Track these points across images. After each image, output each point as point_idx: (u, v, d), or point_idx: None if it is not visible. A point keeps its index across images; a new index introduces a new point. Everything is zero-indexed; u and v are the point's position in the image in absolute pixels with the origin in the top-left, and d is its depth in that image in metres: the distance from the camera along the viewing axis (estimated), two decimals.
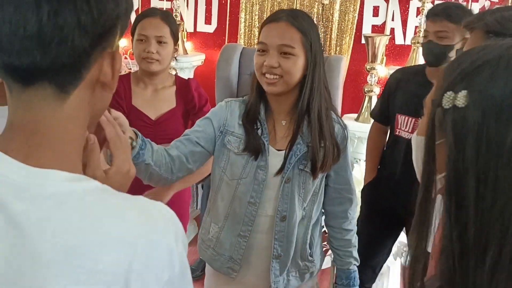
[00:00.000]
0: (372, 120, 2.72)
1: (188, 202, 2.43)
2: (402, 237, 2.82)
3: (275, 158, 1.67)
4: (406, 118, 2.38)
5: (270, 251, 1.73)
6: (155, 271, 0.67)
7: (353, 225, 1.88)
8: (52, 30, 0.64)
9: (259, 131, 1.66)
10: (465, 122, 0.72)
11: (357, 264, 1.89)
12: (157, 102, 2.22)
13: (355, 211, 1.88)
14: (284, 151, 1.67)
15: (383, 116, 2.55)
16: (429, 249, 0.80)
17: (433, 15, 2.27)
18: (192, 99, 2.25)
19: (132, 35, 2.21)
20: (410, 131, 2.35)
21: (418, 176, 0.85)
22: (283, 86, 1.62)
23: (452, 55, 2.25)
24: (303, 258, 1.79)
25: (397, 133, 2.42)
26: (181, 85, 2.29)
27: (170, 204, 2.31)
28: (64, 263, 0.63)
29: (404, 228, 2.59)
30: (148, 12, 2.24)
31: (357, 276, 1.90)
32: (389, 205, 2.46)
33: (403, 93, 2.42)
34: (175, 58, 3.84)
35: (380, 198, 2.52)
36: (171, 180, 1.60)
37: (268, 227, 1.72)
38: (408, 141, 2.26)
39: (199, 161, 1.67)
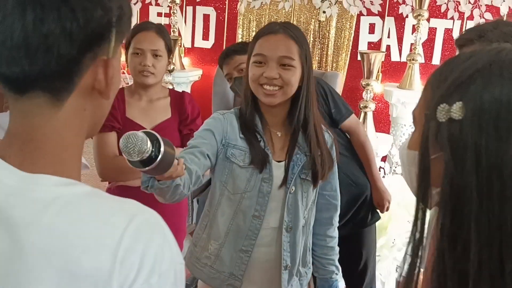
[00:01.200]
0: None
1: (185, 216, 2.43)
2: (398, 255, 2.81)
3: (277, 169, 1.68)
4: None
5: (273, 263, 1.72)
6: (137, 277, 0.65)
7: (336, 233, 1.90)
8: (37, 39, 0.64)
9: (261, 144, 1.66)
10: (462, 135, 0.71)
11: (338, 273, 1.90)
12: (152, 112, 2.23)
13: (337, 218, 1.91)
14: (283, 162, 1.68)
15: None
16: (422, 267, 0.79)
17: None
18: (185, 110, 2.27)
19: (127, 48, 2.22)
20: None
21: (412, 190, 0.83)
22: (282, 97, 1.64)
23: None
24: (304, 265, 1.81)
25: None
26: (176, 96, 2.31)
27: (167, 218, 2.33)
28: (47, 266, 0.63)
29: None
30: (143, 26, 2.25)
31: (338, 286, 1.90)
32: None
33: None
34: (169, 71, 3.85)
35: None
36: (186, 195, 1.56)
37: (270, 239, 1.71)
38: None
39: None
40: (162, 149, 1.27)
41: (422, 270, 0.79)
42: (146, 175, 1.41)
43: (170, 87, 3.87)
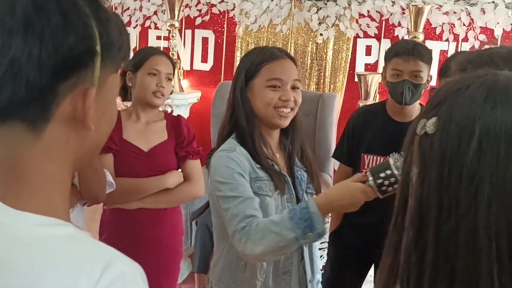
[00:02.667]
0: None
1: (181, 239, 2.44)
2: None
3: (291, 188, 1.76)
4: (374, 157, 2.39)
5: (299, 277, 1.76)
6: None
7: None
8: (4, 65, 0.62)
9: (276, 167, 1.71)
10: (431, 148, 0.73)
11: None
12: (149, 134, 2.26)
13: None
14: (287, 178, 1.74)
15: (349, 157, 2.52)
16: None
17: (407, 54, 2.28)
18: (182, 133, 2.30)
19: (135, 69, 2.24)
20: None
21: None
22: (291, 118, 1.73)
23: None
24: (318, 271, 1.87)
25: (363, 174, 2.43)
26: (172, 120, 2.35)
27: (164, 241, 2.33)
28: None
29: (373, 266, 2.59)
30: (155, 50, 2.34)
31: None
32: (359, 247, 2.47)
33: (368, 133, 2.43)
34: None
35: (350, 242, 2.52)
36: None
37: (295, 254, 1.75)
38: None
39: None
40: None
41: None
42: (320, 228, 1.48)
43: (169, 109, 3.91)
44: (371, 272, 2.65)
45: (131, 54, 2.37)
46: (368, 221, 2.26)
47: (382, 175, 1.45)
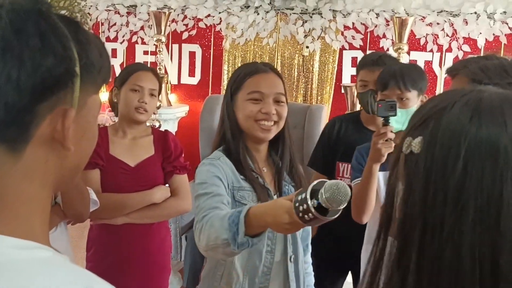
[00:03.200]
0: None
1: (169, 254, 2.43)
2: None
3: None
4: (348, 165, 2.41)
5: None
6: None
7: (309, 258, 1.92)
8: None
9: (260, 180, 1.70)
10: (417, 167, 0.74)
11: None
12: (136, 149, 2.26)
13: (310, 243, 1.93)
14: (276, 195, 1.72)
15: (325, 165, 2.55)
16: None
17: (372, 65, 2.35)
18: (169, 148, 2.30)
19: (120, 85, 2.25)
20: None
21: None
22: (275, 132, 1.71)
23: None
24: None
25: None
26: (159, 135, 2.35)
27: (151, 256, 2.33)
28: None
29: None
30: (140, 66, 2.34)
31: None
32: (337, 255, 2.49)
33: (343, 141, 2.47)
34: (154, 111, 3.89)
35: (328, 250, 2.50)
36: None
37: (276, 272, 1.71)
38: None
39: None
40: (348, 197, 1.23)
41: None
42: (243, 235, 1.34)
43: (157, 124, 3.91)
44: (349, 278, 2.67)
45: (119, 70, 2.38)
46: (343, 232, 2.29)
47: (298, 197, 1.22)
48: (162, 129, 2.98)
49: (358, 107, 3.74)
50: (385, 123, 1.89)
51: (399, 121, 1.91)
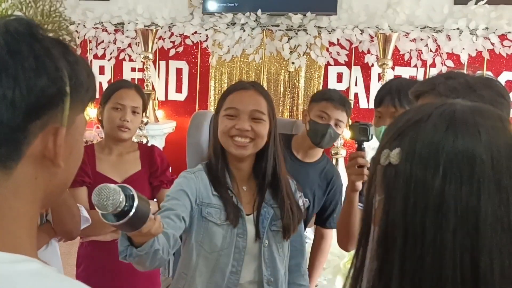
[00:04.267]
0: None
1: (158, 269, 2.42)
2: None
3: (249, 223, 1.69)
4: None
5: None
6: None
7: (306, 281, 1.90)
8: None
9: (234, 199, 1.68)
10: (396, 178, 0.76)
11: None
12: (122, 165, 2.27)
13: (305, 266, 1.91)
14: (251, 216, 1.70)
15: None
16: None
17: (338, 103, 2.34)
18: (155, 163, 2.31)
19: (104, 103, 2.26)
20: None
21: None
22: (252, 149, 1.68)
23: None
24: None
25: None
26: (145, 150, 2.36)
27: (140, 271, 2.32)
28: None
29: None
30: (123, 84, 2.33)
31: None
32: None
33: None
34: (144, 124, 3.89)
35: None
36: (166, 260, 1.53)
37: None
38: None
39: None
40: (136, 200, 1.23)
41: None
42: (123, 244, 1.37)
43: (145, 140, 3.92)
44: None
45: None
46: None
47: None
48: (149, 145, 2.99)
49: None
50: (358, 148, 1.77)
51: None
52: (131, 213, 1.21)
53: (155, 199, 2.32)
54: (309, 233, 2.79)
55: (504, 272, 0.72)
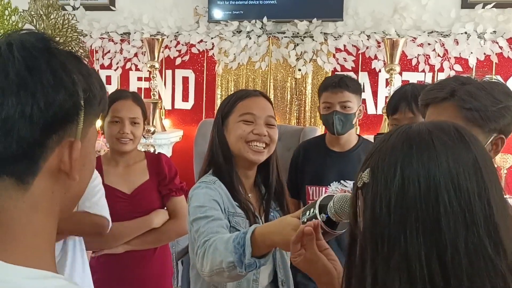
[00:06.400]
0: None
1: (170, 277, 2.41)
2: None
3: None
4: (317, 188, 2.48)
5: None
6: None
7: None
8: None
9: (251, 206, 1.69)
10: (367, 195, 0.85)
11: None
12: (130, 176, 2.26)
13: None
14: (260, 221, 1.70)
15: (295, 190, 2.59)
16: None
17: (334, 87, 2.41)
18: (163, 171, 2.29)
19: (103, 116, 2.24)
20: None
21: None
22: (266, 155, 1.71)
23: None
24: None
25: None
26: (152, 159, 2.34)
27: (153, 279, 2.30)
28: None
29: None
30: (119, 95, 2.29)
31: None
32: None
33: (310, 165, 2.53)
34: (144, 136, 3.88)
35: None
36: None
37: None
38: None
39: None
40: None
41: None
42: (249, 257, 1.32)
43: (152, 149, 3.90)
44: None
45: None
46: None
47: (306, 213, 1.26)
48: (156, 153, 2.97)
49: None
50: None
51: None
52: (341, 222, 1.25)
53: (165, 208, 2.30)
54: None
55: (473, 267, 0.77)
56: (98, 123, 2.38)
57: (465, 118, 1.33)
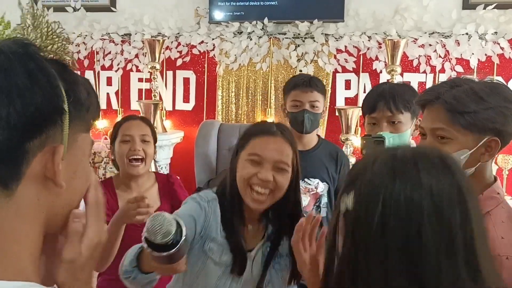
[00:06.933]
0: None
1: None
2: None
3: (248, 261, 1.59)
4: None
5: None
6: None
7: None
8: None
9: (242, 245, 1.57)
10: (348, 221, 0.86)
11: None
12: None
13: None
14: (251, 253, 1.61)
15: None
16: None
17: (305, 86, 2.44)
18: (175, 195, 2.29)
19: (113, 139, 2.25)
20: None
21: None
22: (269, 203, 1.56)
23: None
24: None
25: None
26: (163, 182, 2.32)
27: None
28: None
29: None
30: (128, 117, 2.33)
31: None
32: None
33: None
34: (155, 159, 3.86)
35: None
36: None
37: None
38: None
39: None
40: (184, 234, 1.19)
41: None
42: (132, 264, 1.35)
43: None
44: None
45: (114, 98, 2.36)
46: None
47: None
48: (157, 155, 2.95)
49: (353, 129, 3.75)
50: None
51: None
52: (175, 249, 1.18)
53: None
54: None
55: None
56: (103, 123, 2.38)
57: (450, 120, 1.34)
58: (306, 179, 2.48)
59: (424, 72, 4.01)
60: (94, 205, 0.83)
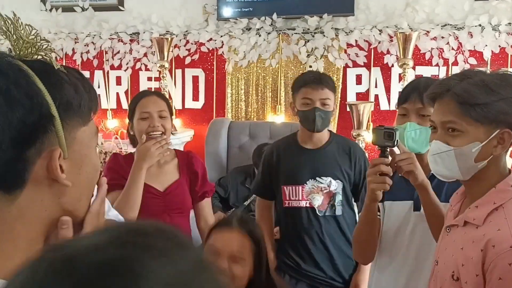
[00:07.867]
0: None
1: None
2: None
3: None
4: (293, 187, 2.47)
5: None
6: None
7: None
8: None
9: None
10: None
11: None
12: (162, 175, 2.30)
13: None
14: None
15: (268, 191, 2.60)
16: None
17: (315, 83, 2.39)
18: (194, 170, 2.35)
19: (131, 118, 2.29)
20: (301, 198, 2.45)
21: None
22: None
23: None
24: None
25: (286, 204, 2.49)
26: (183, 157, 2.39)
27: None
28: None
29: None
30: (142, 93, 2.38)
31: None
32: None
33: (284, 165, 2.52)
34: (172, 132, 3.86)
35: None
36: None
37: None
38: (306, 208, 2.43)
39: None
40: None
41: None
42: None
43: None
44: None
45: (124, 97, 2.35)
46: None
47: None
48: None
49: (364, 125, 3.69)
50: (382, 154, 1.65)
51: (417, 141, 1.74)
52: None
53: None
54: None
55: None
56: (114, 123, 2.39)
57: (461, 113, 1.33)
58: (317, 178, 2.46)
59: (437, 65, 3.94)
60: (95, 214, 0.84)
